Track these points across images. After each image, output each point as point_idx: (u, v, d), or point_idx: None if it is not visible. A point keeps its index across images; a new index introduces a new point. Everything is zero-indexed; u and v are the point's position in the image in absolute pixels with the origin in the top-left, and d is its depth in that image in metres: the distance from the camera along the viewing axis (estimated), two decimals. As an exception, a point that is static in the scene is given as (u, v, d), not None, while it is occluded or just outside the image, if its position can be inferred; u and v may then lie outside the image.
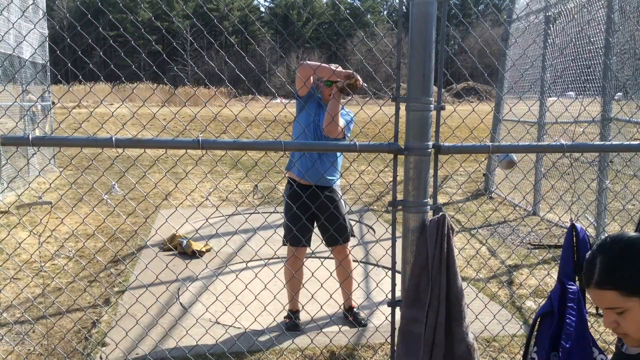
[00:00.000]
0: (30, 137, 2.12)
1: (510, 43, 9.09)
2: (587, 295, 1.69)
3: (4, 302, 4.50)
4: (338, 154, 4.17)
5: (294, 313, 4.26)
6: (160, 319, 4.14)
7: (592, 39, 6.72)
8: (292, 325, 4.18)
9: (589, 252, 1.59)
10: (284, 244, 4.25)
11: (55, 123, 11.68)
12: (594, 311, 4.15)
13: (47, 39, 9.26)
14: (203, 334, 3.69)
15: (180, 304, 4.61)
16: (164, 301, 4.53)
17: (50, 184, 3.14)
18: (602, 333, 4.01)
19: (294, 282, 4.22)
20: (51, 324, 4.14)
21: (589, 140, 5.70)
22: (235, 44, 3.20)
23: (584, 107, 4.85)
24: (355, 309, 4.35)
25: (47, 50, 10.92)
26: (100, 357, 3.59)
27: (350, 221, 4.33)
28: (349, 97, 3.67)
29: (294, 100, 4.14)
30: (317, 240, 4.35)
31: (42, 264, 5.44)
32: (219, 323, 4.13)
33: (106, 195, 7.36)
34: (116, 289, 4.91)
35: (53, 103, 10.59)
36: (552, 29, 7.89)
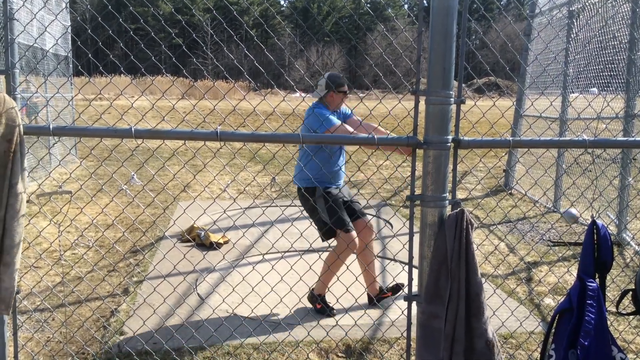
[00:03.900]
0: (51, 126, 2.14)
1: (532, 37, 8.98)
2: (607, 293, 1.66)
3: (24, 289, 4.56)
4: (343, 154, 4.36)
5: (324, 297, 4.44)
6: (178, 309, 4.18)
7: (616, 34, 6.61)
8: (332, 311, 4.35)
9: None
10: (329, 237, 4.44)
11: (76, 114, 11.80)
12: (614, 309, 4.10)
13: (69, 30, 9.34)
14: (219, 324, 3.71)
15: (198, 294, 4.64)
16: (181, 291, 4.57)
17: (71, 174, 3.18)
18: (622, 332, 3.96)
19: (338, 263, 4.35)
20: (70, 312, 4.19)
21: (612, 137, 5.61)
22: (255, 36, 3.20)
23: (607, 103, 4.78)
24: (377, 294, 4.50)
25: (70, 41, 11.02)
26: (118, 346, 3.63)
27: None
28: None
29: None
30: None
31: (62, 253, 5.51)
32: (235, 314, 4.15)
33: (125, 186, 7.43)
34: (135, 279, 4.95)
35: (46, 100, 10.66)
36: (575, 23, 7.78)
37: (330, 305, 4.34)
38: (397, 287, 4.60)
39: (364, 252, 4.39)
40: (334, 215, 4.29)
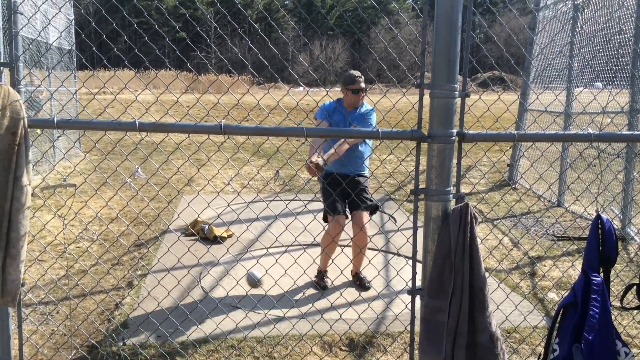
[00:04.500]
0: (55, 119, 2.14)
1: (537, 31, 8.94)
2: (611, 288, 1.66)
3: (28, 282, 4.58)
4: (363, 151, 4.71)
5: (324, 273, 4.77)
6: (182, 302, 4.19)
7: (621, 27, 6.58)
8: (322, 284, 4.68)
9: None
10: (325, 219, 4.74)
11: (80, 107, 11.82)
12: (618, 304, 4.09)
13: (73, 23, 9.34)
14: (223, 318, 3.72)
15: (202, 288, 4.65)
16: (185, 285, 4.58)
17: (75, 167, 3.19)
18: (626, 326, 3.95)
19: (331, 246, 4.66)
20: (75, 305, 4.21)
21: (617, 131, 5.60)
22: (259, 30, 3.19)
23: (613, 97, 4.76)
24: (360, 275, 4.77)
25: (73, 35, 11.02)
26: (123, 338, 3.64)
27: (373, 200, 4.75)
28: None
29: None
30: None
31: (67, 246, 5.53)
32: (239, 308, 4.16)
33: (129, 179, 7.44)
34: (139, 272, 4.97)
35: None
36: (580, 17, 7.74)
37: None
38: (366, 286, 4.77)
39: (353, 242, 4.67)
40: (326, 200, 4.66)
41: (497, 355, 2.16)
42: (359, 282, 4.75)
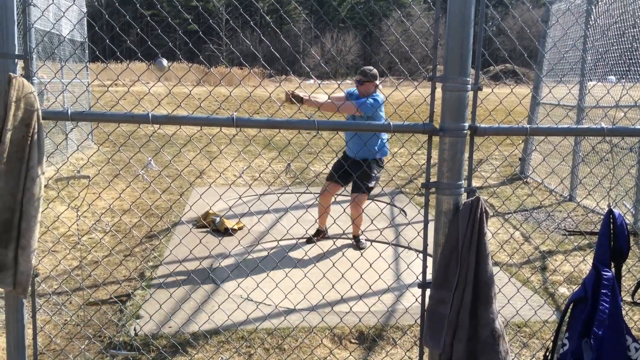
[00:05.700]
0: (69, 111, 2.16)
1: (550, 24, 8.86)
2: (622, 282, 1.65)
3: (42, 273, 4.63)
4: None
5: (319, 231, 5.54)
6: (193, 293, 4.22)
7: (636, 21, 6.51)
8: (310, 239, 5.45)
9: None
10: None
11: (93, 99, 11.88)
12: (629, 299, 4.07)
13: (86, 15, 9.36)
14: (234, 309, 3.74)
15: (213, 279, 4.68)
16: (196, 276, 4.61)
17: (88, 159, 3.22)
18: (637, 321, 3.93)
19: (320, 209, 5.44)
20: (87, 295, 4.25)
21: (631, 125, 5.55)
22: (270, 22, 3.20)
23: (626, 90, 4.71)
24: (358, 237, 5.57)
25: (86, 27, 11.07)
26: (134, 329, 3.68)
27: (369, 184, 5.46)
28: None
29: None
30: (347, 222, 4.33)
31: (80, 237, 5.58)
32: (250, 299, 4.18)
33: (142, 171, 7.48)
34: (151, 263, 5.00)
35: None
36: (594, 10, 7.66)
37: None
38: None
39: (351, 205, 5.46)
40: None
41: (498, 352, 2.14)
42: (356, 243, 5.55)
